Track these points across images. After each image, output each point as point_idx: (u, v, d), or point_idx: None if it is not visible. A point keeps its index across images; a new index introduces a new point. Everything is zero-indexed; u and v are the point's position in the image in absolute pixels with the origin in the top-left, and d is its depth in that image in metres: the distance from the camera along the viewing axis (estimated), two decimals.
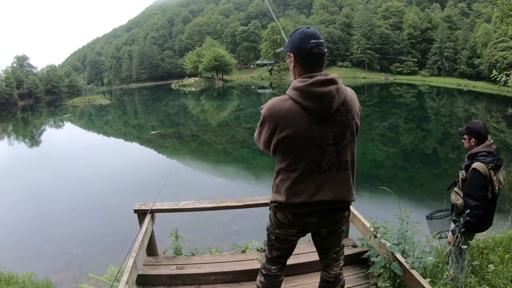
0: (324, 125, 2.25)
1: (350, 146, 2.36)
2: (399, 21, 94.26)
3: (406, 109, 39.10)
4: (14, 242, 10.96)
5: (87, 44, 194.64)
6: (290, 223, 2.47)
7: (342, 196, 2.37)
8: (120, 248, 9.06)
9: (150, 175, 16.62)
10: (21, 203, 15.17)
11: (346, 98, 2.31)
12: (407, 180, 15.11)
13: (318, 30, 3.58)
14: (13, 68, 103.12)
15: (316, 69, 2.29)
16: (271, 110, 2.30)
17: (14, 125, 55.38)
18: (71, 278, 7.04)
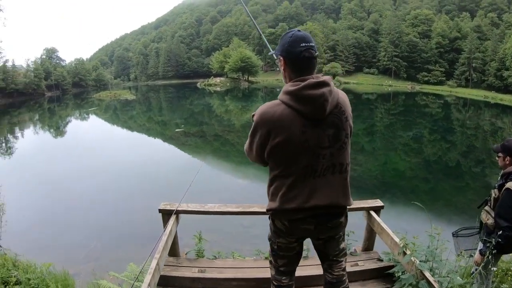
0: (318, 128, 2.23)
1: (345, 148, 2.34)
2: (427, 29, 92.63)
3: (431, 119, 38.55)
4: (34, 231, 11.13)
5: (116, 39, 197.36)
6: (287, 231, 2.45)
7: (337, 200, 2.34)
8: (139, 245, 9.18)
9: (173, 173, 16.80)
10: (44, 192, 15.43)
11: (339, 100, 2.29)
12: (429, 192, 14.88)
13: (345, 36, 3.53)
14: (42, 59, 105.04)
15: (306, 72, 2.25)
16: (263, 116, 2.28)
17: (41, 115, 56.42)
18: (89, 271, 7.10)
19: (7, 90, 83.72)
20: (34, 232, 11.04)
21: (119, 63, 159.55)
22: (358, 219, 4.89)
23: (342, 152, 2.32)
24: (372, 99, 59.84)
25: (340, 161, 2.31)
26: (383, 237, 4.16)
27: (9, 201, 9.11)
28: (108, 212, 12.70)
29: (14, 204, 11.56)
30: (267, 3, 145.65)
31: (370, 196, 13.21)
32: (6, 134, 36.77)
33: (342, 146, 2.31)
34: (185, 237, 5.60)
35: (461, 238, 4.35)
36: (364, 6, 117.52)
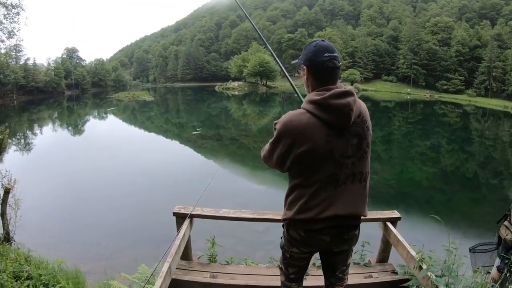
0: (343, 138, 2.22)
1: (365, 158, 2.33)
2: (447, 37, 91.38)
3: (450, 129, 38.13)
4: (49, 227, 11.31)
5: (135, 41, 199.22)
6: (302, 241, 2.43)
7: (355, 209, 2.33)
8: (152, 246, 9.28)
9: (189, 175, 16.84)
10: (60, 190, 15.70)
11: (361, 110, 2.29)
12: (445, 203, 14.66)
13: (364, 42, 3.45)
14: (63, 59, 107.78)
15: (330, 82, 2.26)
16: (288, 125, 2.25)
17: (60, 113, 57.37)
18: (100, 270, 7.17)
19: (27, 88, 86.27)
20: (48, 228, 11.23)
21: (138, 65, 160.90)
22: (374, 229, 4.79)
23: (363, 161, 2.32)
24: (390, 107, 59.50)
25: (360, 170, 2.31)
26: (399, 249, 4.09)
27: (25, 197, 9.25)
28: (123, 212, 12.83)
29: (30, 200, 11.72)
30: (286, 9, 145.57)
31: (386, 206, 13.16)
32: (25, 131, 37.48)
33: (363, 155, 2.31)
34: (199, 240, 5.63)
35: (478, 254, 4.27)
36: (384, 13, 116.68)
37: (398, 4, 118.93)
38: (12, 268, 4.94)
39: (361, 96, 72.96)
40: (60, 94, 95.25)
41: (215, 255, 4.84)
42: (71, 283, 5.40)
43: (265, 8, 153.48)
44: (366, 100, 25.55)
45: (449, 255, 3.47)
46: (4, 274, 4.55)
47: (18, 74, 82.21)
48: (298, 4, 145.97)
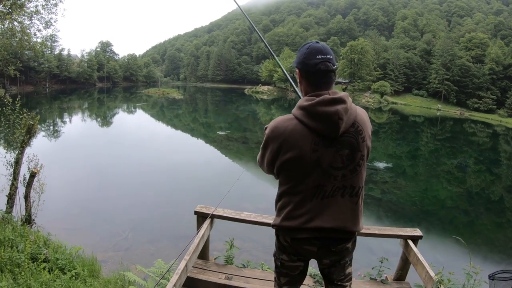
0: (332, 148, 2.12)
1: (359, 171, 2.21)
2: (481, 54, 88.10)
3: (478, 149, 37.29)
4: (71, 213, 11.66)
5: (169, 39, 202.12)
6: (290, 248, 2.37)
7: (344, 224, 2.21)
8: (171, 242, 9.47)
9: (213, 175, 17.17)
10: (85, 178, 16.16)
11: (356, 119, 2.17)
12: (467, 224, 14.47)
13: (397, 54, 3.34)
14: (97, 51, 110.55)
15: (323, 86, 2.16)
16: (275, 130, 2.20)
17: (90, 104, 58.70)
18: (117, 260, 7.37)
19: (60, 77, 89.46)
20: (70, 214, 11.60)
21: (170, 62, 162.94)
22: (394, 245, 4.80)
23: (356, 174, 2.20)
24: (419, 122, 58.66)
25: (352, 183, 2.20)
26: (417, 269, 3.98)
27: (51, 182, 9.48)
28: (146, 205, 13.07)
29: (55, 186, 12.07)
30: (320, 16, 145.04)
31: (407, 222, 13.17)
32: (55, 118, 38.42)
33: (356, 168, 2.19)
34: (217, 241, 5.78)
35: (498, 281, 3.89)
36: (418, 26, 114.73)
37: (433, 18, 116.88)
38: (31, 250, 5.11)
39: (390, 109, 73.06)
40: (91, 85, 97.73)
41: (232, 257, 4.85)
42: (87, 270, 5.55)
43: (299, 15, 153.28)
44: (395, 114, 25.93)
45: (468, 279, 3.41)
46: (22, 254, 4.72)
47: (52, 63, 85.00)
48: (332, 12, 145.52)
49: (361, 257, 8.95)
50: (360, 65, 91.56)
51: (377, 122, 52.35)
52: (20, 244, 5.25)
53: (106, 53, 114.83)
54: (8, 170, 8.05)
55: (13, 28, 12.45)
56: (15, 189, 8.01)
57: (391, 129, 45.54)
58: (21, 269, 4.48)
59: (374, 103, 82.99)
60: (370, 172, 20.32)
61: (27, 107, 41.02)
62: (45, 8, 13.30)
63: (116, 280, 5.52)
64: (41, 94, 70.47)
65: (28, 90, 77.08)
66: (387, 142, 35.61)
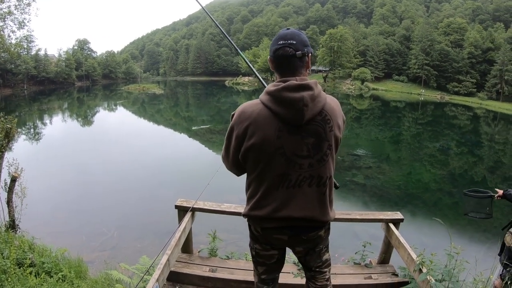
0: (297, 135, 2.06)
1: (326, 161, 2.14)
2: (460, 39, 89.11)
3: (459, 131, 37.78)
4: (54, 216, 11.51)
5: (147, 34, 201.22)
6: (261, 238, 2.35)
7: (312, 214, 2.17)
8: (156, 238, 9.45)
9: (195, 169, 16.98)
10: (67, 179, 15.96)
11: (324, 107, 2.09)
12: (452, 206, 14.55)
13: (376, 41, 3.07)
14: (74, 50, 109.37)
15: (287, 72, 2.10)
16: (241, 115, 2.14)
17: (70, 104, 58.11)
18: (104, 259, 7.30)
19: (38, 78, 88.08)
20: (53, 217, 11.44)
21: (149, 58, 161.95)
22: (376, 230, 4.81)
23: (323, 164, 2.14)
24: (400, 107, 59.16)
25: (319, 173, 2.14)
26: (400, 252, 4.04)
27: (33, 186, 9.36)
28: (129, 203, 13.01)
29: (37, 188, 11.99)
30: (298, 5, 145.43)
31: (392, 206, 13.17)
32: (34, 120, 37.98)
33: (323, 158, 2.13)
34: (201, 233, 5.67)
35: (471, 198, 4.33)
36: (397, 12, 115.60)
37: (411, 4, 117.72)
38: (16, 255, 5.00)
39: (371, 96, 73.65)
40: (70, 85, 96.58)
41: (216, 249, 4.84)
42: (73, 272, 5.49)
43: (277, 4, 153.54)
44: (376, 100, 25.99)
45: (450, 260, 3.41)
46: (8, 260, 4.61)
47: (29, 64, 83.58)
48: (311, 1, 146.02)
49: (345, 242, 9.04)
50: (340, 52, 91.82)
51: (358, 109, 52.74)
52: (5, 250, 5.20)
53: (83, 51, 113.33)
54: None
55: None
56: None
57: (373, 115, 46.01)
58: (7, 275, 4.40)
59: (355, 90, 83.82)
60: (353, 158, 20.42)
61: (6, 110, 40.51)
62: (17, 8, 13.09)
63: (103, 279, 5.48)
64: (19, 97, 69.36)
65: (6, 93, 75.60)
66: (370, 128, 35.88)
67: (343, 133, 2.27)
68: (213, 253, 4.78)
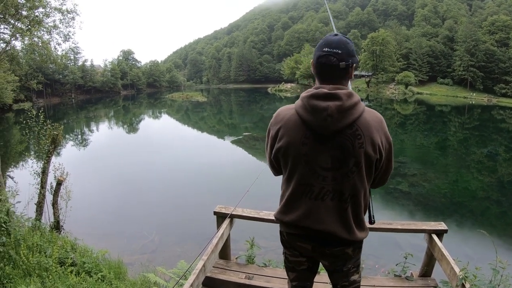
0: (322, 145, 2.02)
1: (351, 178, 2.04)
2: (505, 37, 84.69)
3: (508, 136, 36.22)
4: (98, 218, 11.97)
5: (189, 43, 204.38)
6: (287, 243, 2.33)
7: (332, 229, 2.08)
8: (196, 243, 9.57)
9: (236, 176, 17.26)
10: (111, 183, 16.65)
11: (357, 121, 2.00)
12: (500, 215, 13.97)
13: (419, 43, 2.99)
14: (119, 60, 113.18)
15: (326, 80, 2.07)
16: (276, 117, 2.18)
17: (115, 112, 59.74)
18: (143, 262, 7.52)
19: (85, 87, 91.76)
20: (97, 220, 11.89)
21: (192, 66, 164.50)
22: (419, 240, 4.71)
23: (346, 181, 2.05)
24: (446, 111, 57.60)
25: (341, 188, 2.06)
26: (442, 264, 3.82)
27: (79, 189, 9.84)
28: (172, 208, 13.35)
29: (83, 193, 12.59)
30: (338, 10, 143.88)
31: (437, 216, 13.01)
32: (82, 127, 39.40)
33: (347, 174, 2.04)
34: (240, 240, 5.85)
35: None
36: (438, 12, 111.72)
37: (453, 3, 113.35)
38: (58, 254, 5.28)
39: (415, 100, 71.75)
40: (116, 93, 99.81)
41: (254, 256, 4.82)
42: (113, 273, 5.68)
43: (317, 10, 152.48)
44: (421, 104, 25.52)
45: (495, 275, 3.22)
46: (50, 259, 4.90)
47: (76, 74, 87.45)
48: (350, 5, 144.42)
49: (386, 253, 8.82)
50: (383, 56, 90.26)
51: (403, 114, 51.63)
52: (48, 249, 5.42)
53: (128, 61, 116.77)
54: (35, 180, 8.36)
55: (33, 43, 12.96)
56: (43, 197, 8.33)
57: (417, 120, 44.77)
58: (48, 273, 4.65)
59: (399, 95, 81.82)
60: (398, 165, 20.08)
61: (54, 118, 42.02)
62: (62, 22, 13.81)
63: (140, 282, 5.66)
64: (67, 105, 72.11)
65: (54, 102, 79.26)
66: (415, 134, 35.13)
67: (387, 155, 2.16)
68: (250, 260, 4.77)
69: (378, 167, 2.14)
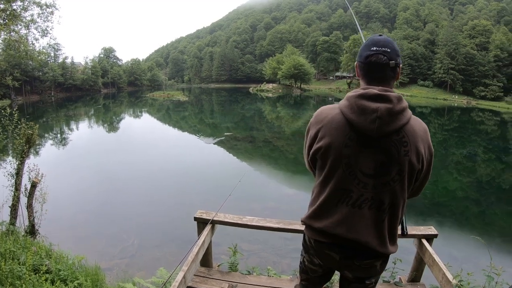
0: (366, 148, 1.92)
1: (392, 186, 1.94)
2: (485, 41, 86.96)
3: (487, 137, 36.80)
4: (75, 222, 11.56)
5: (171, 42, 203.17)
6: (312, 250, 2.23)
7: (367, 239, 1.98)
8: (177, 247, 9.39)
9: (218, 177, 16.97)
10: (90, 183, 16.21)
11: (404, 128, 1.93)
12: (479, 215, 14.21)
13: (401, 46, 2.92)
14: (100, 58, 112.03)
15: (375, 81, 2.01)
16: (317, 116, 2.09)
17: (96, 110, 59.00)
18: (122, 268, 7.33)
19: (65, 85, 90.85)
20: (75, 221, 11.55)
21: (173, 65, 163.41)
22: (408, 244, 4.59)
23: (387, 189, 1.95)
24: (426, 113, 58.20)
25: (381, 197, 1.96)
26: (433, 270, 3.77)
27: (55, 191, 9.49)
28: (152, 209, 13.00)
29: (60, 194, 12.24)
30: (321, 11, 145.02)
31: (418, 215, 12.95)
32: (61, 126, 38.82)
33: (389, 182, 1.93)
34: (223, 242, 5.61)
35: None
36: (420, 16, 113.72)
37: (435, 7, 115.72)
38: (33, 261, 5.05)
39: None
40: (96, 91, 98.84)
41: (237, 263, 4.67)
42: (90, 280, 5.44)
43: (300, 11, 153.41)
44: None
45: (489, 281, 3.17)
46: (24, 266, 4.65)
47: (56, 72, 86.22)
48: (333, 7, 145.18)
49: None
50: None
51: None
52: (22, 255, 5.22)
53: (109, 59, 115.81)
54: (9, 181, 8.01)
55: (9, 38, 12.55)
56: (17, 200, 7.98)
57: None
58: (22, 281, 4.41)
59: None
60: None
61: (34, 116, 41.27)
62: (41, 16, 13.42)
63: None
64: (47, 103, 71.12)
65: (34, 99, 78.15)
66: None
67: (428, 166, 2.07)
68: (233, 267, 4.60)
69: (418, 177, 2.06)
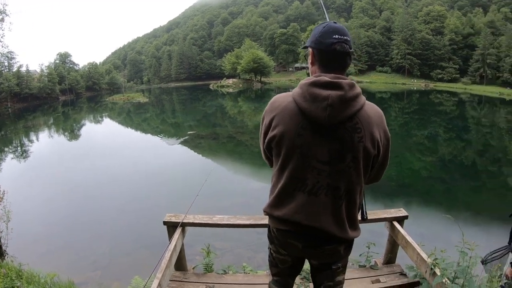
0: (319, 137, 1.89)
1: (347, 172, 1.93)
2: (440, 26, 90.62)
3: (446, 117, 38.03)
4: (44, 237, 11.09)
5: (128, 43, 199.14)
6: (276, 240, 2.20)
7: (326, 227, 1.96)
8: (148, 251, 9.21)
9: (185, 177, 16.73)
10: (54, 196, 15.56)
11: (358, 114, 1.89)
12: (444, 192, 14.56)
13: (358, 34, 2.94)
14: (56, 64, 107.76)
15: (335, 69, 1.96)
16: (272, 104, 2.04)
17: (55, 119, 57.25)
18: (96, 280, 7.15)
19: (21, 95, 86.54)
20: (43, 236, 11.09)
21: (132, 66, 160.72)
22: (379, 228, 4.62)
23: (343, 176, 1.93)
24: (386, 98, 59.36)
25: (337, 184, 1.94)
26: (408, 251, 3.82)
27: (18, 206, 9.10)
28: (120, 217, 12.66)
29: (23, 209, 11.67)
30: (278, 4, 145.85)
31: (385, 198, 13.04)
32: (21, 138, 37.45)
33: (344, 169, 1.92)
34: (196, 243, 5.46)
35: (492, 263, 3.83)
36: (376, 4, 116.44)
37: None
38: (3, 285, 4.85)
39: None
40: (54, 99, 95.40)
41: (211, 264, 4.61)
42: None
43: (257, 5, 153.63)
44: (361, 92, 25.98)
45: (463, 257, 3.20)
46: None
47: (11, 81, 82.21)
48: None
49: None
50: None
51: None
52: None
53: (65, 65, 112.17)
54: None
55: None
56: None
57: None
58: None
59: None
60: None
61: None
62: None
63: None
64: (4, 115, 68.37)
65: None
66: None
67: (385, 152, 2.09)
68: (208, 268, 4.54)
69: (375, 163, 2.06)
